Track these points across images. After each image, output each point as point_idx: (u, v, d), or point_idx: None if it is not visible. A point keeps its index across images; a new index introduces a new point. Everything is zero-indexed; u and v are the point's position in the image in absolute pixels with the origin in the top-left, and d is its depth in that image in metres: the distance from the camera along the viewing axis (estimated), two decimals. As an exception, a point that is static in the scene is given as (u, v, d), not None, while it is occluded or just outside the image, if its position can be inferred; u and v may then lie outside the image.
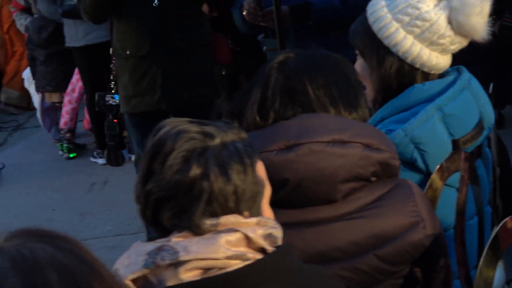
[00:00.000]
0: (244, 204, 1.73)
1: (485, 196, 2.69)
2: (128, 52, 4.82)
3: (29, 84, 7.95)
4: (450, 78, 2.60)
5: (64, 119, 7.53)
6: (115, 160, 5.28)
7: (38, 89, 7.73)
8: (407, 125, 2.44)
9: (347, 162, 2.03)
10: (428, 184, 2.43)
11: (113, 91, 5.12)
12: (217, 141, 1.73)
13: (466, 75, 2.63)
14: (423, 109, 2.47)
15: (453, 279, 2.35)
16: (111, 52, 5.05)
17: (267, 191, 1.81)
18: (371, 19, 2.57)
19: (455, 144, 2.49)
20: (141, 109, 4.86)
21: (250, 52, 5.86)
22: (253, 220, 1.73)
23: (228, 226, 1.70)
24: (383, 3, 2.56)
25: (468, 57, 2.67)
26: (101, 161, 7.15)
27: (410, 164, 2.45)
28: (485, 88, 2.77)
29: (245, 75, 6.84)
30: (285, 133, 2.04)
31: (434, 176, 2.43)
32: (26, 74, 8.02)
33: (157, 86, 4.79)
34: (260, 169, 1.78)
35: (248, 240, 1.70)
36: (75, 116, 7.54)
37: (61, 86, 7.51)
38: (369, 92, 2.58)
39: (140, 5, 4.73)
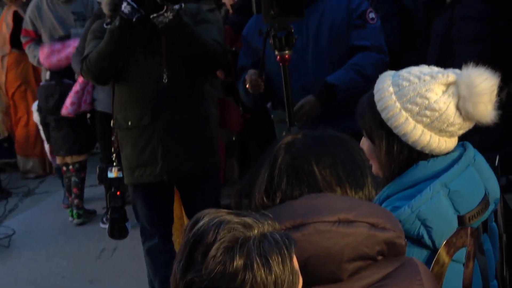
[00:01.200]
0: None
1: (491, 271, 2.69)
2: (130, 123, 4.83)
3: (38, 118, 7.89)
4: (455, 154, 2.63)
5: (70, 99, 7.26)
6: (118, 233, 5.27)
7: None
8: (413, 202, 2.45)
9: (353, 241, 2.03)
10: (435, 259, 2.44)
11: (114, 164, 5.13)
12: (256, 231, 1.76)
13: (470, 151, 2.66)
14: (428, 185, 2.49)
15: None
16: (112, 124, 5.05)
17: (300, 282, 1.83)
18: (379, 106, 2.58)
19: (461, 220, 2.50)
20: (145, 180, 4.87)
21: (260, 119, 5.90)
22: None
23: None
24: (391, 90, 2.57)
25: (474, 126, 2.68)
26: (110, 227, 7.15)
27: (416, 240, 2.46)
28: (489, 158, 2.79)
29: (256, 142, 6.88)
30: (292, 213, 2.05)
31: (441, 251, 2.45)
32: (35, 106, 7.93)
33: (158, 157, 4.80)
34: (295, 259, 1.81)
35: None
36: (78, 101, 7.28)
37: (73, 150, 7.59)
38: (376, 172, 2.61)
39: (143, 75, 4.74)
